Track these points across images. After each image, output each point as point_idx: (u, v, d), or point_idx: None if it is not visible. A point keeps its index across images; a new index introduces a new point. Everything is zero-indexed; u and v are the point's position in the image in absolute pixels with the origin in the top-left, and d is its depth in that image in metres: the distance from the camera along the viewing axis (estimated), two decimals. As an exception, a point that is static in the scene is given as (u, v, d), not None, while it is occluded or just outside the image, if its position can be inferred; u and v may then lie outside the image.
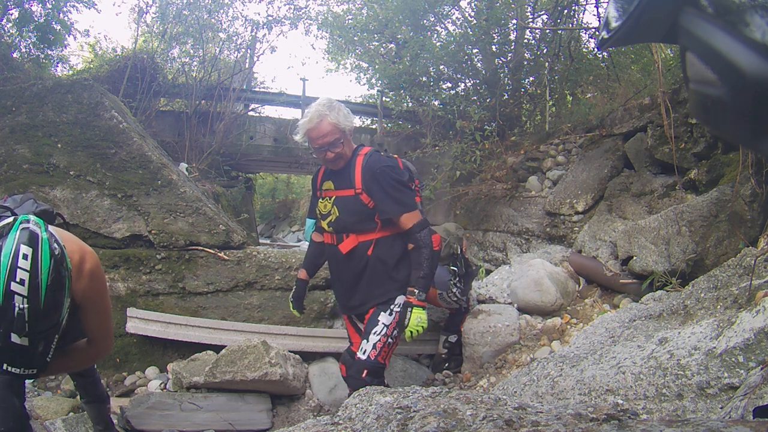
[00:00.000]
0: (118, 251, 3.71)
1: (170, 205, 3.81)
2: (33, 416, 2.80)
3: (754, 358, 1.60)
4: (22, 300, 1.21)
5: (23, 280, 1.22)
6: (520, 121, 7.29)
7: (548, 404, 1.39)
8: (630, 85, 6.03)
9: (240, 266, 3.76)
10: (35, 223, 1.32)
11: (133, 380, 3.48)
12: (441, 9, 8.22)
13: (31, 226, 1.29)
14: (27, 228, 1.28)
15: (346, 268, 2.38)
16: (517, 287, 3.82)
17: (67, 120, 3.92)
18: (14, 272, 1.21)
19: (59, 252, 1.32)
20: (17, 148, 3.84)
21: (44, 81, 4.16)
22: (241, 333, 3.41)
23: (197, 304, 3.67)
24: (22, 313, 1.21)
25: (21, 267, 1.22)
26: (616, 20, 0.45)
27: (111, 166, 3.85)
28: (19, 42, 5.93)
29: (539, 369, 2.38)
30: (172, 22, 7.45)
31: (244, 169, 8.93)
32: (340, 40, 10.11)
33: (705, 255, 3.08)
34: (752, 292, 2.01)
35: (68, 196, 3.73)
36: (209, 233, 3.80)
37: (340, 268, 2.43)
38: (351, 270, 2.36)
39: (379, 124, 9.01)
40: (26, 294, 1.22)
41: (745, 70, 0.36)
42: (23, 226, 1.28)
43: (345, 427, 1.04)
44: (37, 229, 1.30)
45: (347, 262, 2.35)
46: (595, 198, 4.59)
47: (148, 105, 6.79)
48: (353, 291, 2.38)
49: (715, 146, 3.67)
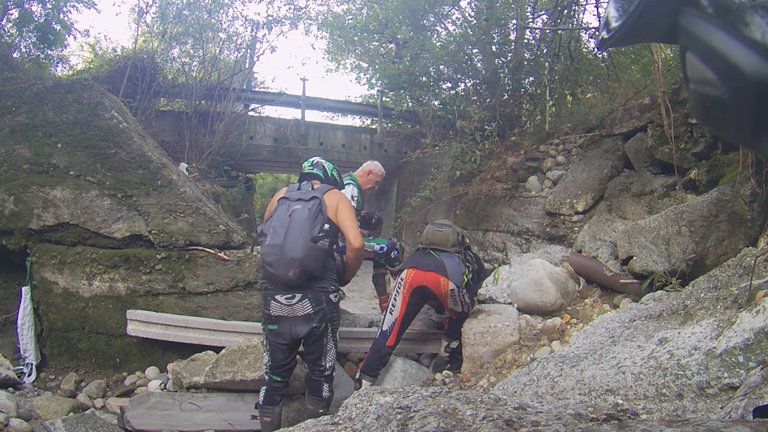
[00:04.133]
0: (118, 251, 3.71)
1: (170, 205, 3.81)
2: (33, 416, 2.80)
3: (754, 358, 1.60)
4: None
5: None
6: (520, 121, 7.29)
7: (548, 404, 1.39)
8: (630, 85, 6.03)
9: (240, 266, 3.76)
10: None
11: (133, 380, 3.49)
12: (441, 9, 8.22)
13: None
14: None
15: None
16: (517, 287, 3.82)
17: (67, 120, 3.93)
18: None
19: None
20: (17, 148, 3.84)
21: (44, 81, 4.16)
22: (241, 333, 3.41)
23: (197, 304, 3.68)
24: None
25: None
26: (616, 20, 0.45)
27: (111, 166, 3.85)
28: (19, 42, 5.94)
29: (539, 369, 2.38)
30: (172, 22, 7.46)
31: (244, 169, 8.93)
32: (340, 40, 10.11)
33: (705, 255, 3.08)
34: (752, 292, 2.01)
35: (68, 196, 3.73)
36: (209, 233, 3.80)
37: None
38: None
39: (379, 124, 9.01)
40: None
41: (745, 70, 0.36)
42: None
43: (345, 427, 1.04)
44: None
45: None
46: (595, 198, 4.59)
47: (148, 105, 6.79)
48: None
49: (715, 146, 3.66)
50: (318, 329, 2.43)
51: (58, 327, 3.68)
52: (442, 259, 3.19)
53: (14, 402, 2.80)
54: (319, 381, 2.59)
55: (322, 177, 2.74)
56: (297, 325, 2.42)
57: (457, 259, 3.22)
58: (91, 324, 3.66)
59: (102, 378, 3.53)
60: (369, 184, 3.85)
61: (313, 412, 2.58)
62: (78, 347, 3.67)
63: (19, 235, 3.71)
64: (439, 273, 3.13)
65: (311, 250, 2.31)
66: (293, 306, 2.39)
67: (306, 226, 2.34)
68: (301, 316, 2.41)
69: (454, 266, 3.16)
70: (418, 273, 3.17)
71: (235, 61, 8.26)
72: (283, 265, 2.30)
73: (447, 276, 3.11)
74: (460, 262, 3.21)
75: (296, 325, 2.42)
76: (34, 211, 3.69)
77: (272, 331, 2.49)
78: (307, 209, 2.40)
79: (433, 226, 3.43)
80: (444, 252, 3.25)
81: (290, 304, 2.38)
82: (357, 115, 10.29)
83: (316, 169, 2.76)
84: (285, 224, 2.36)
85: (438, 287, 3.13)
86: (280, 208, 2.47)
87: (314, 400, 2.60)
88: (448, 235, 3.29)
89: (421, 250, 3.35)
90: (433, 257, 3.23)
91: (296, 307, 2.39)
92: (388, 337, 3.16)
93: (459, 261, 3.22)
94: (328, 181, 2.75)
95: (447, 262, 3.17)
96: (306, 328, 2.42)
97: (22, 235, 3.71)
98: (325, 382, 2.60)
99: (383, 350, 3.16)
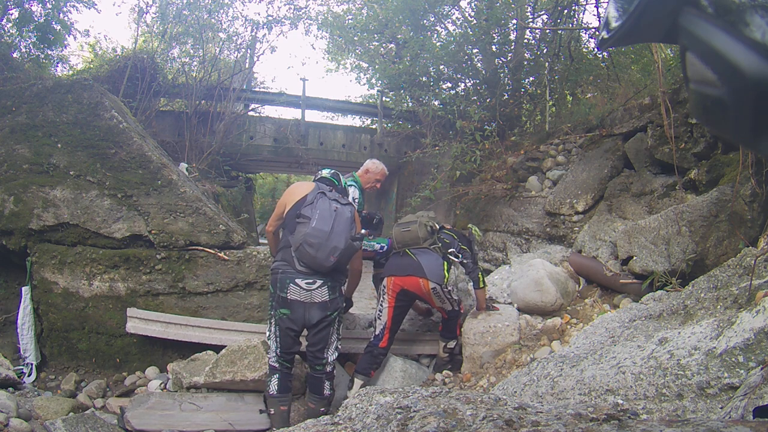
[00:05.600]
0: (118, 251, 3.71)
1: (170, 205, 3.81)
2: (33, 416, 2.80)
3: (754, 358, 1.60)
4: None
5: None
6: (520, 121, 7.29)
7: (548, 404, 1.39)
8: (630, 85, 6.03)
9: (240, 266, 3.76)
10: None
11: (133, 380, 3.49)
12: (441, 9, 8.21)
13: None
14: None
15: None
16: (517, 287, 3.82)
17: (67, 120, 3.92)
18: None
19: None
20: (17, 148, 3.84)
21: (44, 81, 4.16)
22: (241, 333, 3.41)
23: (197, 304, 3.68)
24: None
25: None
26: (616, 20, 0.45)
27: (111, 166, 3.85)
28: (19, 42, 5.93)
29: (539, 369, 2.38)
30: (172, 22, 7.46)
31: (244, 169, 8.93)
32: (340, 40, 10.11)
33: (705, 255, 3.08)
34: (752, 292, 2.01)
35: (68, 196, 3.73)
36: (209, 233, 3.80)
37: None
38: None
39: (379, 124, 9.01)
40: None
41: (745, 70, 0.36)
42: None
43: (345, 427, 1.04)
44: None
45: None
46: (595, 198, 4.59)
47: (148, 105, 6.79)
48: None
49: (715, 146, 3.66)
50: (329, 317, 2.57)
51: (58, 327, 3.67)
52: (418, 258, 3.16)
53: (14, 402, 2.80)
54: (321, 378, 2.61)
55: (336, 185, 2.93)
56: (311, 311, 2.56)
57: (434, 255, 3.17)
58: (91, 324, 3.66)
59: (102, 378, 3.53)
60: (369, 183, 3.84)
61: (314, 410, 2.59)
62: (78, 347, 3.67)
63: (19, 235, 3.71)
64: (416, 275, 3.12)
65: (350, 246, 2.54)
66: (312, 291, 2.54)
67: (348, 225, 2.56)
68: (317, 303, 2.56)
69: (432, 263, 3.13)
70: (397, 279, 3.18)
71: (235, 61, 8.26)
72: (325, 249, 2.48)
73: (426, 276, 3.09)
74: (438, 257, 3.16)
75: (310, 311, 2.56)
76: (34, 211, 3.69)
77: (283, 317, 2.58)
78: (348, 211, 2.62)
79: (399, 227, 3.36)
80: (419, 249, 3.20)
81: (310, 289, 2.54)
82: (357, 115, 10.29)
83: (333, 177, 2.97)
84: (331, 216, 2.54)
85: (419, 289, 3.13)
86: (322, 200, 2.62)
87: (315, 399, 2.62)
88: (416, 233, 3.24)
89: (397, 254, 3.31)
90: (409, 258, 3.19)
91: (315, 293, 2.54)
92: (380, 339, 3.21)
93: (436, 256, 3.17)
94: (338, 190, 2.92)
95: (423, 261, 3.13)
96: (319, 315, 2.55)
97: (22, 235, 3.71)
98: (326, 380, 2.61)
99: (376, 351, 3.21)
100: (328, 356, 2.61)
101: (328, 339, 2.60)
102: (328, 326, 2.58)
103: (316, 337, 2.61)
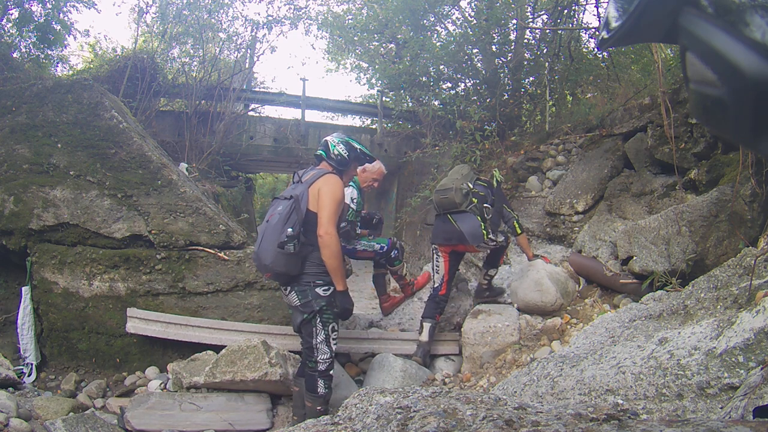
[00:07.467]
0: (118, 251, 3.71)
1: (170, 205, 3.81)
2: (33, 416, 2.80)
3: (754, 358, 1.60)
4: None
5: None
6: (520, 121, 7.28)
7: (548, 404, 1.40)
8: (630, 85, 6.03)
9: (240, 266, 3.75)
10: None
11: (133, 380, 3.48)
12: (441, 9, 8.21)
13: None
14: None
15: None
16: (518, 287, 3.82)
17: (67, 120, 3.92)
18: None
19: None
20: (17, 148, 3.84)
21: (44, 81, 4.16)
22: (241, 333, 3.41)
23: (197, 304, 3.67)
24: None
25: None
26: (616, 20, 0.45)
27: (111, 166, 3.85)
28: (19, 42, 5.94)
29: (539, 369, 2.38)
30: (172, 22, 7.45)
31: (244, 169, 8.92)
32: (340, 40, 10.10)
33: (705, 255, 3.08)
34: (752, 292, 2.01)
35: (68, 196, 3.73)
36: (209, 233, 3.80)
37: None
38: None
39: (379, 124, 9.00)
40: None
41: (745, 70, 0.36)
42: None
43: (345, 427, 1.04)
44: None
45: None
46: (595, 198, 4.59)
47: (148, 105, 6.79)
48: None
49: (715, 146, 3.66)
50: (306, 319, 2.61)
51: (58, 327, 3.67)
52: (459, 224, 3.43)
53: (14, 402, 2.80)
54: (314, 376, 2.62)
55: (325, 156, 2.81)
56: (294, 314, 2.70)
57: (472, 218, 3.42)
58: (91, 324, 3.66)
59: (102, 378, 3.52)
60: (366, 182, 3.84)
61: (311, 409, 2.59)
62: (78, 347, 3.67)
63: (19, 235, 3.71)
64: (461, 243, 3.47)
65: (277, 256, 2.45)
66: (288, 297, 2.65)
67: (276, 232, 2.46)
68: (295, 307, 2.65)
69: (471, 227, 3.39)
70: (445, 247, 3.61)
71: (235, 61, 8.26)
72: (261, 269, 2.65)
73: (467, 242, 3.40)
74: (475, 219, 3.42)
75: (294, 314, 2.71)
76: (34, 211, 3.69)
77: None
78: (278, 213, 2.50)
79: (438, 193, 3.63)
80: (458, 214, 3.47)
81: (286, 295, 2.66)
82: (357, 115, 10.29)
83: (321, 149, 2.85)
84: (262, 230, 2.56)
85: (465, 249, 3.67)
86: (269, 210, 2.66)
87: (311, 397, 2.64)
88: (453, 199, 3.48)
89: (439, 218, 3.62)
90: (450, 224, 3.48)
91: (290, 298, 2.64)
92: (440, 289, 3.66)
93: (474, 218, 3.42)
94: (332, 158, 2.79)
95: (464, 227, 3.41)
96: (299, 318, 2.65)
97: (22, 235, 3.71)
98: (319, 378, 2.62)
99: (438, 298, 3.66)
100: (317, 356, 2.62)
101: (312, 341, 2.61)
102: (310, 328, 2.61)
103: (303, 338, 2.70)
